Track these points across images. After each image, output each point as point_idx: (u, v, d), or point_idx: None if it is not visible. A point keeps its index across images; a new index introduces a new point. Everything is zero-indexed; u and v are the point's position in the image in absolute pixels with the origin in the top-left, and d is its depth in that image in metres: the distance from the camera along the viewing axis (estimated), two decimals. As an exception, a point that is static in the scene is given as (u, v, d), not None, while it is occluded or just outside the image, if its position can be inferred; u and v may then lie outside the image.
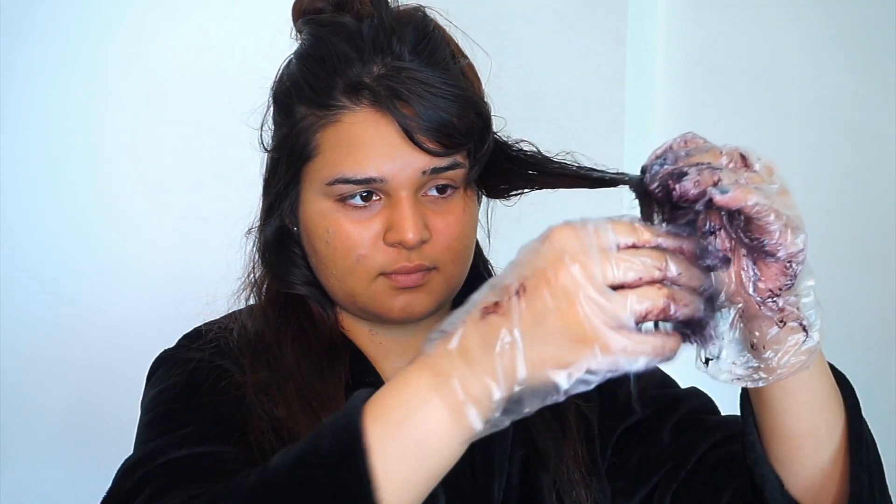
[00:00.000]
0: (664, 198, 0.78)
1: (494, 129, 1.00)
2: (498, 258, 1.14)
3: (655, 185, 0.78)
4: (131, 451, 0.97)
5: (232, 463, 0.90)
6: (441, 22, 1.02)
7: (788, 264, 0.80)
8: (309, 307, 1.05)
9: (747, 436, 0.93)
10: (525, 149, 0.98)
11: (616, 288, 0.69)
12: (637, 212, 0.82)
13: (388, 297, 0.99)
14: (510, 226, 1.11)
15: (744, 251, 0.82)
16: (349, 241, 0.98)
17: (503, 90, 1.08)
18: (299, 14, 1.03)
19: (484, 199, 1.06)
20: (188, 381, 0.98)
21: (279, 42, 1.04)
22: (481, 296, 0.73)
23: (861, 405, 0.93)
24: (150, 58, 1.73)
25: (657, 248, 0.71)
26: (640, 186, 0.80)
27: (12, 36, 1.66)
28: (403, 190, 0.96)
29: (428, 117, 0.94)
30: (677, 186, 0.77)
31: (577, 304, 0.68)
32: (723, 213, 0.80)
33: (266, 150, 1.04)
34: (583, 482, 1.04)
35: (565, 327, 0.68)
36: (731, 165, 0.79)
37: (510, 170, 0.97)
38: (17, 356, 1.68)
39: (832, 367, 0.93)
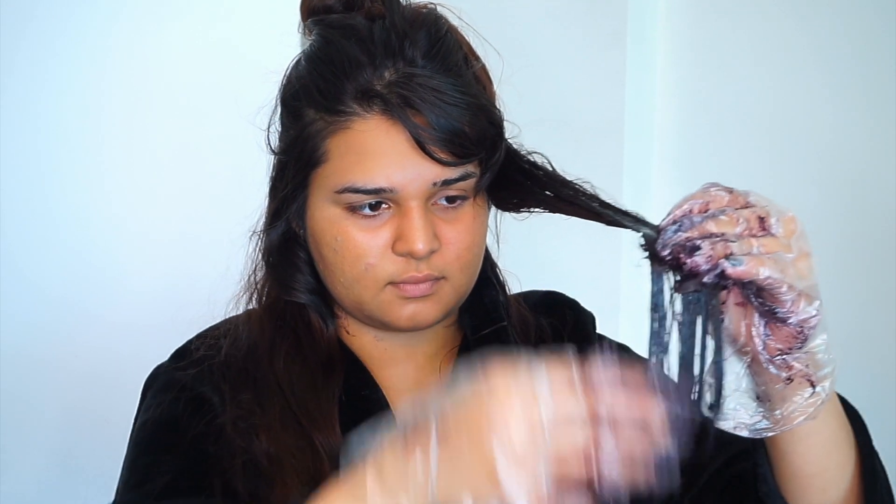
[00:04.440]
0: (675, 266, 0.79)
1: (508, 136, 0.99)
2: (506, 262, 1.12)
3: (667, 252, 0.79)
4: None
5: None
6: (454, 21, 1.00)
7: (800, 329, 0.80)
8: (308, 317, 1.04)
9: (758, 468, 0.93)
10: (537, 162, 0.97)
11: None
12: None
13: (396, 307, 0.98)
14: (520, 232, 1.09)
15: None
16: (358, 249, 0.96)
17: (502, 91, 1.07)
18: (308, 13, 1.01)
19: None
20: (168, 417, 0.98)
21: (287, 39, 1.03)
22: (411, 417, 0.74)
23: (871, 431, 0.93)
24: (149, 54, 1.71)
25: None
26: (651, 247, 0.81)
27: (12, 30, 1.64)
28: (413, 200, 0.94)
29: (440, 126, 0.92)
30: (688, 261, 0.78)
31: (486, 448, 0.69)
32: None
33: (273, 152, 1.02)
34: None
35: (478, 462, 0.69)
36: (748, 232, 0.78)
37: (521, 184, 0.96)
38: (13, 360, 1.67)
39: (844, 402, 0.92)
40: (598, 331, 1.15)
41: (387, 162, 0.93)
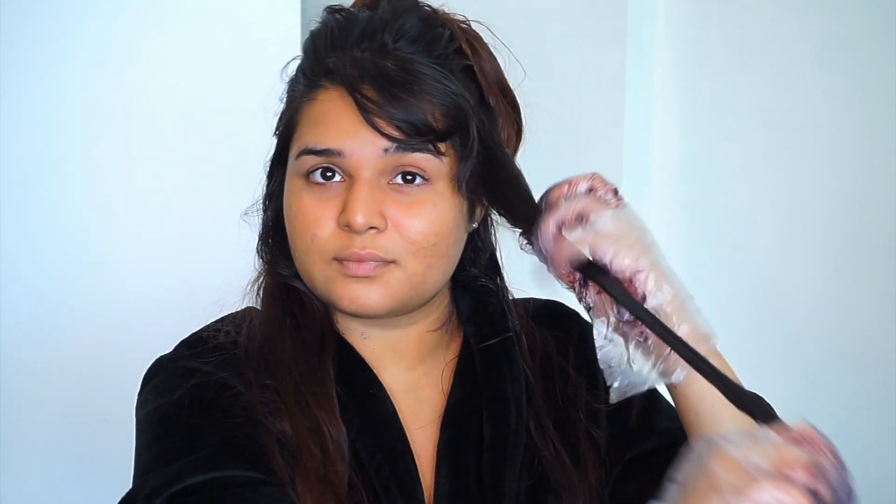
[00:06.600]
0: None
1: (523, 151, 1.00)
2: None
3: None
4: (133, 462, 0.95)
5: (250, 487, 0.89)
6: (488, 38, 1.02)
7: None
8: (301, 297, 1.02)
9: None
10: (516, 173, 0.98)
11: None
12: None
13: (339, 285, 0.96)
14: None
15: None
16: (307, 219, 0.96)
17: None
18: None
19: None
20: (193, 397, 0.95)
21: (293, 35, 1.04)
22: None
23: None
24: (148, 54, 1.71)
25: None
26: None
27: (9, 32, 1.64)
28: (364, 170, 0.94)
29: (389, 103, 0.93)
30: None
31: None
32: None
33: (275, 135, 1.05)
34: None
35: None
36: None
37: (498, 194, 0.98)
38: (12, 362, 1.66)
39: None
40: None
41: (337, 126, 0.95)
